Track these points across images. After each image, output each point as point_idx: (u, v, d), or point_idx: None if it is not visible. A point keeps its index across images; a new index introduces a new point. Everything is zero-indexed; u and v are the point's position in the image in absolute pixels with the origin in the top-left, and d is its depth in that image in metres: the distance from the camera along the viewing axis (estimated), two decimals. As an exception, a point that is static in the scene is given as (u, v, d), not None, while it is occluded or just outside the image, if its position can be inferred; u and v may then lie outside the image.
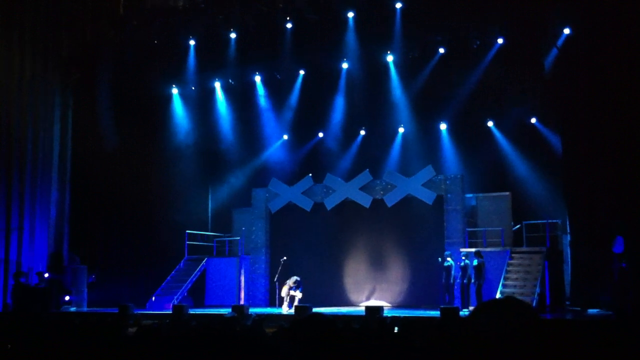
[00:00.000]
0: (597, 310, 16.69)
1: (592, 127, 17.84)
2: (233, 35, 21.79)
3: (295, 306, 17.34)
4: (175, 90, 24.16)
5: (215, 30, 21.75)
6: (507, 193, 20.69)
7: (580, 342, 2.11)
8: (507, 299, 2.24)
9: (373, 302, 20.61)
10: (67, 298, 20.24)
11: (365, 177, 21.93)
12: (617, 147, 17.14)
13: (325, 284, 21.70)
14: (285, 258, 20.13)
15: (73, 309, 20.10)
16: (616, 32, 16.88)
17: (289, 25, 21.14)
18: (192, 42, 22.31)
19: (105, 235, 22.17)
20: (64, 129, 21.52)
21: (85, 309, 20.43)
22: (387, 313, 16.13)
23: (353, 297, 21.93)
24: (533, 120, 21.52)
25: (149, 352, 3.24)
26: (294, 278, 19.07)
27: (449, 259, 19.30)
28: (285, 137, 25.30)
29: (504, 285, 18.37)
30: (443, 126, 22.78)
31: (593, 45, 17.67)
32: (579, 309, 16.60)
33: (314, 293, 20.14)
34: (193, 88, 24.04)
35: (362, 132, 24.03)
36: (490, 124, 22.20)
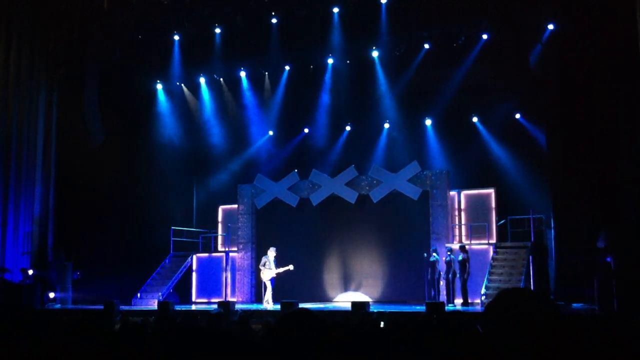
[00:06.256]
0: (582, 304, 16.79)
1: (576, 122, 17.93)
2: (218, 31, 21.70)
3: (282, 302, 17.30)
4: (159, 86, 24.03)
5: (200, 26, 21.65)
6: (492, 189, 20.77)
7: (568, 336, 2.11)
8: (525, 290, 2.24)
9: (359, 297, 20.61)
10: (51, 295, 20.10)
11: (350, 172, 21.92)
12: (602, 143, 17.23)
13: (311, 280, 21.67)
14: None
15: (58, 306, 19.99)
16: (600, 27, 16.96)
17: (274, 21, 21.09)
18: (176, 38, 22.20)
19: (90, 232, 22.01)
20: (48, 124, 21.39)
21: (70, 305, 20.30)
22: (373, 308, 16.15)
23: (339, 292, 21.93)
24: (518, 116, 21.59)
25: (133, 350, 3.21)
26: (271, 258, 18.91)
27: (434, 254, 19.35)
28: (271, 132, 25.24)
29: (489, 280, 18.45)
30: (428, 122, 22.82)
31: (577, 40, 17.76)
32: (564, 303, 16.68)
33: (299, 289, 20.12)
34: (178, 84, 23.92)
35: (348, 128, 24.03)
36: (475, 119, 22.27)
